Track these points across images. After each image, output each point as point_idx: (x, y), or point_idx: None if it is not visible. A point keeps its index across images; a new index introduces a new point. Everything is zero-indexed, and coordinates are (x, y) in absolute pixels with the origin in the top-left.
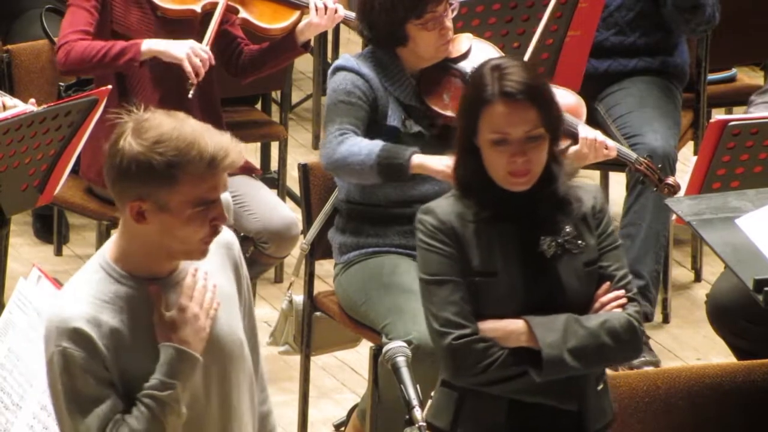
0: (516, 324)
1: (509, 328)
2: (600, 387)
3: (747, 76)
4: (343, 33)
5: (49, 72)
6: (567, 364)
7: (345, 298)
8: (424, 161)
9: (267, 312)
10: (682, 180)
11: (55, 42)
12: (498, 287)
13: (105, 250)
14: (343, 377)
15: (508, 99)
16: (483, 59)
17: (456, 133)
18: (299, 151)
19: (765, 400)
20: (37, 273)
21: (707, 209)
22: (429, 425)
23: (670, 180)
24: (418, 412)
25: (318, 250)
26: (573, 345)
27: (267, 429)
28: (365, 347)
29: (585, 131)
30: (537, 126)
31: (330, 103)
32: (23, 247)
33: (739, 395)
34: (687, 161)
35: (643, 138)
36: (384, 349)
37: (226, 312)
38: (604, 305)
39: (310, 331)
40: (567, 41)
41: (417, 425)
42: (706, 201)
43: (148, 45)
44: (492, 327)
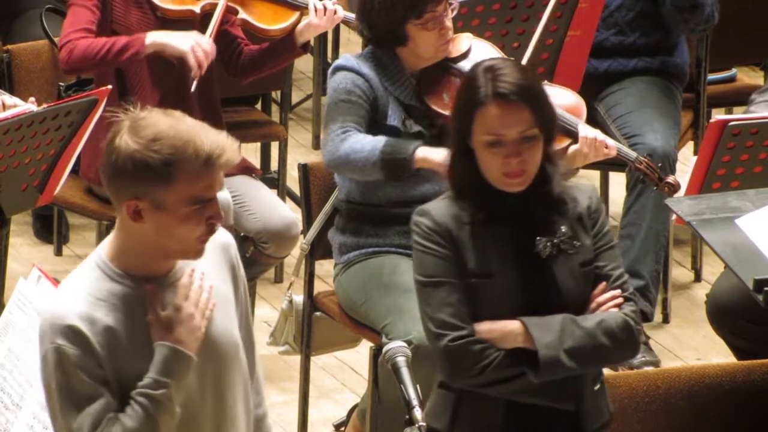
0: (512, 325)
1: (506, 329)
2: (597, 387)
3: (747, 76)
4: (343, 33)
5: (49, 72)
6: (564, 364)
7: (345, 298)
8: (427, 154)
9: (267, 312)
10: (682, 180)
11: (56, 42)
12: (494, 288)
13: (101, 248)
14: (343, 377)
15: (501, 100)
16: (483, 59)
17: (450, 136)
18: (299, 151)
19: (765, 400)
20: (37, 273)
21: (707, 209)
22: (427, 427)
23: (669, 179)
24: (418, 412)
25: (318, 250)
26: (569, 345)
27: None
28: (365, 347)
29: (585, 130)
30: (531, 126)
31: (331, 103)
32: (23, 247)
33: (739, 395)
34: (687, 161)
35: (643, 138)
36: (384, 349)
37: (221, 313)
38: (600, 305)
39: (310, 331)
40: (567, 41)
41: (417, 425)
42: (706, 201)
43: (151, 38)
44: (488, 328)
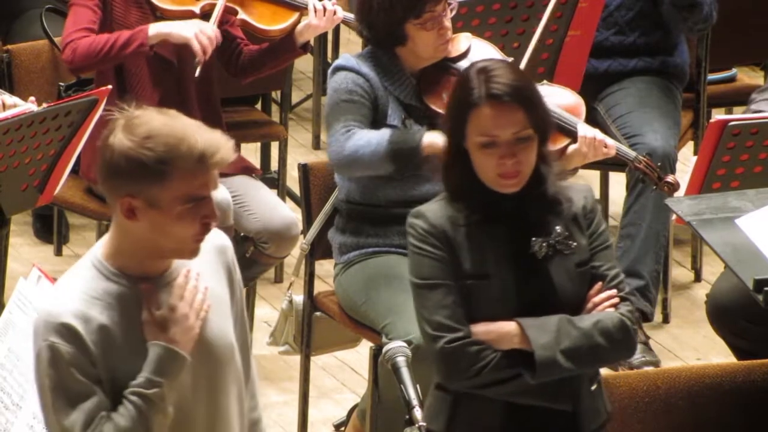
0: (508, 326)
1: (502, 330)
2: (594, 387)
3: (747, 76)
4: (343, 33)
5: (49, 72)
6: (560, 365)
7: (345, 298)
8: (434, 140)
9: (267, 312)
10: (682, 180)
11: (56, 42)
12: (490, 290)
13: (97, 248)
14: (343, 377)
15: (495, 101)
16: (482, 59)
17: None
18: (299, 151)
19: (765, 400)
20: (37, 273)
21: (707, 209)
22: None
23: (669, 178)
24: (418, 412)
25: (318, 250)
26: (566, 346)
27: None
28: (365, 347)
29: (584, 130)
30: (525, 127)
31: (332, 103)
32: (23, 247)
33: (739, 395)
34: (687, 161)
35: (643, 138)
36: (384, 349)
37: (217, 315)
38: (596, 305)
39: (310, 331)
40: (567, 41)
41: (417, 425)
42: (706, 201)
43: (154, 29)
44: (485, 330)
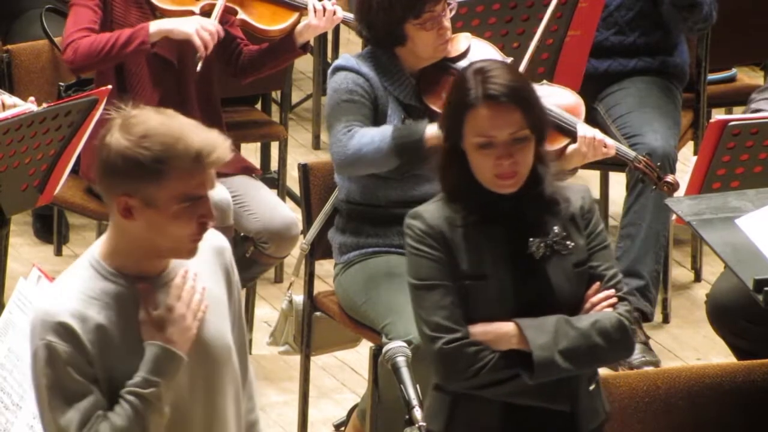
0: (506, 327)
1: (500, 331)
2: (592, 387)
3: (747, 76)
4: (343, 33)
5: (49, 72)
6: (558, 365)
7: (345, 298)
8: (437, 132)
9: (267, 312)
10: (682, 180)
11: (56, 42)
12: (488, 290)
13: (95, 247)
14: (343, 377)
15: (491, 102)
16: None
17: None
18: (299, 151)
19: (765, 400)
20: (37, 273)
21: (707, 209)
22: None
23: (669, 178)
24: (418, 412)
25: (318, 250)
26: (564, 346)
27: None
28: (365, 347)
29: (584, 129)
30: (522, 127)
31: (332, 104)
32: (23, 247)
33: (739, 395)
34: (687, 161)
35: (643, 138)
36: (384, 349)
37: (214, 316)
38: (594, 305)
39: (310, 331)
40: (567, 41)
41: (417, 425)
42: (706, 201)
43: (155, 26)
44: (482, 330)
